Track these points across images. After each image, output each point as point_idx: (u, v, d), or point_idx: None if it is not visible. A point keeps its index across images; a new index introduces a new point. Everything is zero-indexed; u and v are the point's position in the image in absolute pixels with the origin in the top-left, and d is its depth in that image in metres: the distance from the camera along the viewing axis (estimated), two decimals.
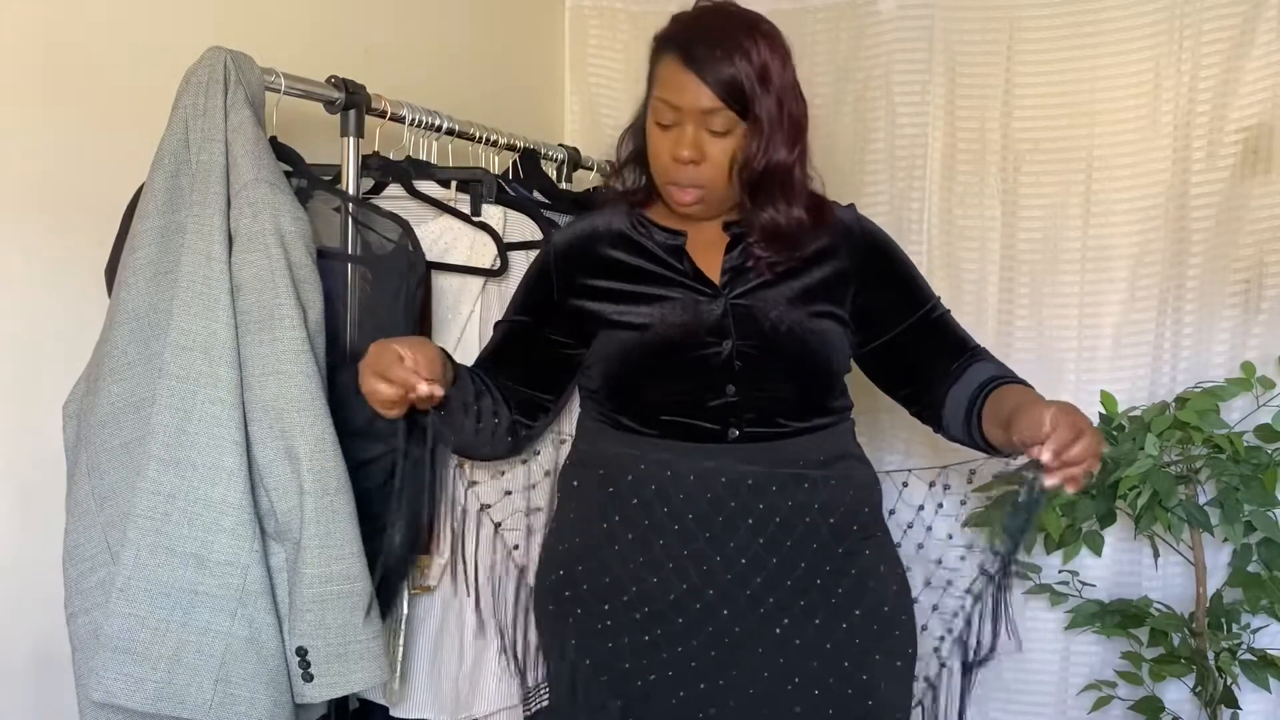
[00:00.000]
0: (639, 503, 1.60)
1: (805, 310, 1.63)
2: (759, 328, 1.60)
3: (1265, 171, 2.26)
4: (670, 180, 1.59)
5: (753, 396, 1.60)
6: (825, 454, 1.64)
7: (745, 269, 1.63)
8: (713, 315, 1.61)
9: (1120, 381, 2.37)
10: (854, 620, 1.60)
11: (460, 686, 1.76)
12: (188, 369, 1.37)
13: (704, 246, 1.66)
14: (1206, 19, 2.28)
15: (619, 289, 1.65)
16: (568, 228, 1.77)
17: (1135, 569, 2.39)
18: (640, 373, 1.63)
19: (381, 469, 1.56)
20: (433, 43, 2.34)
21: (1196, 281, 2.32)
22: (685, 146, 1.54)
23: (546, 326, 1.69)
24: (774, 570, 1.57)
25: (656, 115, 1.57)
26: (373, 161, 1.81)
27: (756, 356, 1.60)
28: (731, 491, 1.57)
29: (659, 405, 1.61)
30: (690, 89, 1.52)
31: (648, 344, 1.61)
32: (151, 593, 1.36)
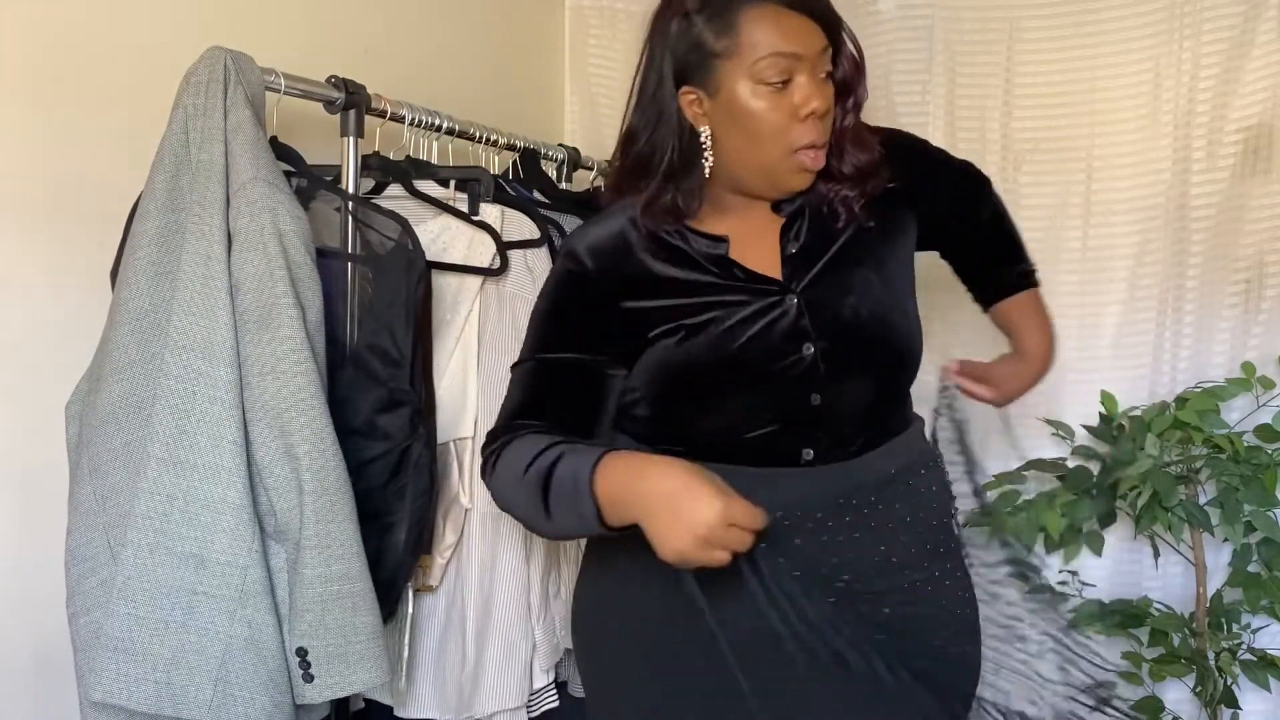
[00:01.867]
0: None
1: (880, 283, 1.47)
2: (841, 320, 1.43)
3: (1265, 171, 2.26)
4: (804, 144, 1.38)
5: (835, 404, 1.42)
6: (905, 463, 1.49)
7: (808, 253, 1.46)
8: (787, 318, 1.42)
9: (1120, 381, 2.37)
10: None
11: (464, 686, 1.76)
12: (187, 369, 1.37)
13: (751, 240, 1.47)
14: (1206, 19, 2.28)
15: (667, 305, 1.45)
16: (586, 234, 1.52)
17: (1135, 569, 2.39)
18: (701, 396, 1.44)
19: (380, 469, 1.56)
20: (433, 43, 2.34)
21: (1196, 281, 2.32)
22: (818, 96, 1.36)
23: (600, 355, 1.46)
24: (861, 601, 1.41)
25: (763, 77, 1.35)
26: (373, 161, 1.81)
27: (840, 353, 1.43)
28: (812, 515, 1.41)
29: (721, 431, 1.43)
30: (805, 30, 1.35)
31: (713, 361, 1.42)
32: (151, 593, 1.35)
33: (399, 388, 1.56)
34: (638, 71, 1.46)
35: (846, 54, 1.43)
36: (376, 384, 1.56)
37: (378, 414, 1.56)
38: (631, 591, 1.48)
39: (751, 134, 1.39)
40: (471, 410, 1.76)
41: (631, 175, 1.46)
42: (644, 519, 1.26)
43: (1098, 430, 2.30)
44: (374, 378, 1.56)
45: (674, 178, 1.43)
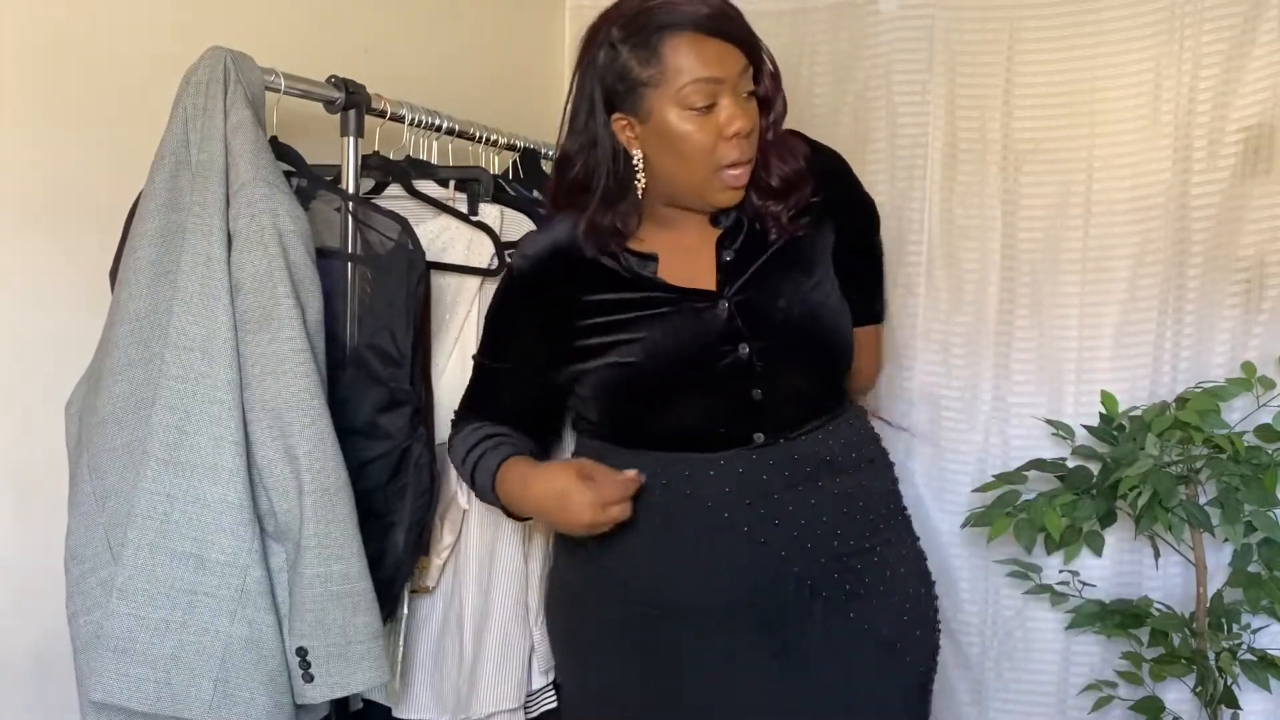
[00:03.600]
0: (666, 517, 1.53)
1: (810, 285, 1.56)
2: (772, 320, 1.53)
3: (1265, 171, 2.26)
4: (728, 163, 1.47)
5: (774, 395, 1.53)
6: (846, 442, 1.60)
7: (741, 261, 1.55)
8: (717, 321, 1.53)
9: (1120, 381, 2.36)
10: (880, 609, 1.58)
11: (461, 687, 1.76)
12: (187, 369, 1.37)
13: (686, 251, 1.57)
14: (1206, 19, 2.27)
15: (604, 322, 1.55)
16: (535, 241, 1.65)
17: (1135, 569, 2.39)
18: (648, 403, 1.55)
19: (381, 469, 1.56)
20: (433, 43, 2.34)
21: (1197, 281, 2.32)
22: (741, 117, 1.44)
23: (535, 362, 1.62)
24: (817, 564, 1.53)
25: (688, 103, 1.43)
26: (373, 161, 1.81)
27: (775, 351, 1.53)
28: (767, 493, 1.52)
29: (673, 429, 1.55)
30: (723, 54, 1.43)
31: (652, 372, 1.53)
32: (151, 593, 1.36)
33: (399, 387, 1.56)
34: (568, 98, 1.55)
35: (766, 71, 1.50)
36: (377, 384, 1.56)
37: (378, 414, 1.56)
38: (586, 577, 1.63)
39: (680, 155, 1.47)
40: None
41: (569, 195, 1.57)
42: (539, 516, 1.59)
43: (1098, 430, 2.30)
44: (374, 378, 1.56)
45: (611, 201, 1.53)
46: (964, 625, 2.44)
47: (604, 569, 1.59)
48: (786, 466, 1.53)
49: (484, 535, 1.77)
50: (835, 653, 1.54)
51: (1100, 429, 2.30)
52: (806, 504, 1.53)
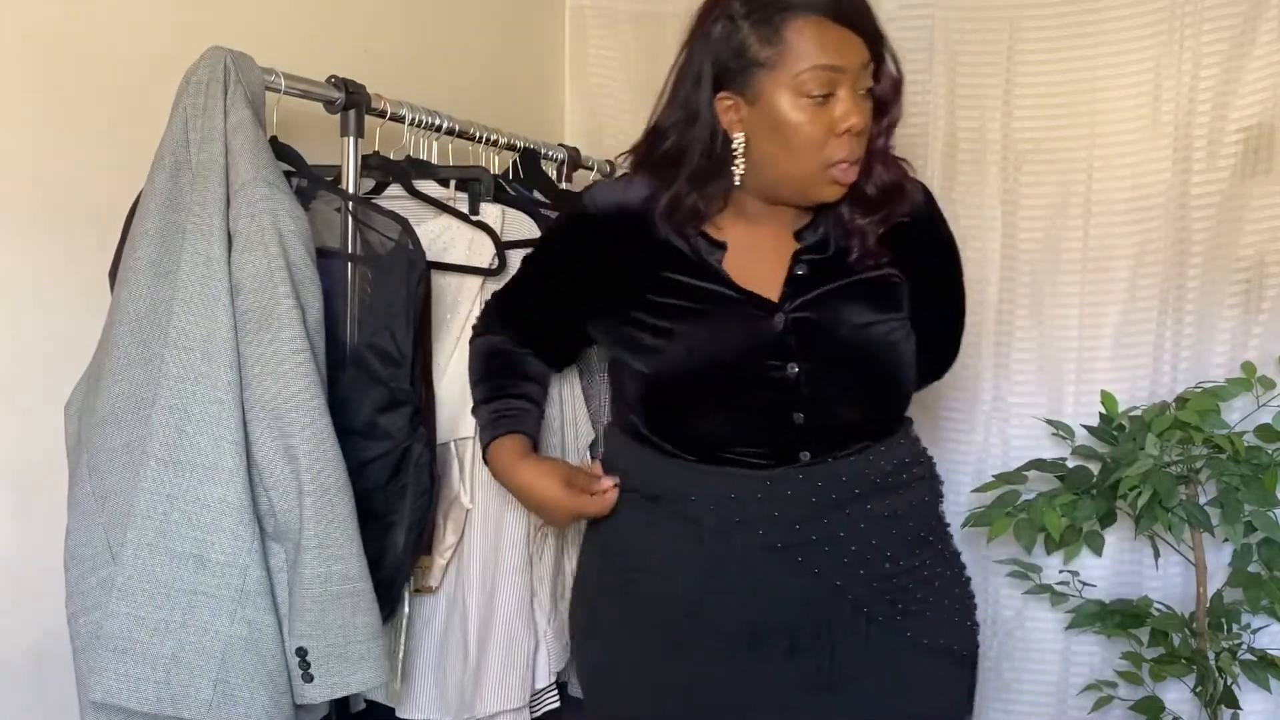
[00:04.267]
0: (709, 535, 1.47)
1: (878, 322, 1.48)
2: (828, 347, 1.45)
3: (1265, 171, 2.26)
4: (838, 159, 1.39)
5: (818, 420, 1.45)
6: (898, 462, 1.52)
7: (813, 279, 1.47)
8: (770, 333, 1.44)
9: (1120, 381, 2.37)
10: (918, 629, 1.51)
11: (465, 687, 1.76)
12: (187, 369, 1.36)
13: (756, 251, 1.48)
14: (1206, 19, 2.28)
15: (655, 301, 1.48)
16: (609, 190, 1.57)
17: (1135, 569, 2.39)
18: (683, 403, 1.48)
19: (381, 469, 1.56)
20: (433, 43, 2.34)
21: (1196, 281, 2.32)
22: (858, 113, 1.37)
23: (565, 302, 1.59)
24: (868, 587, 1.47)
25: (805, 90, 1.35)
26: (373, 161, 1.81)
27: (824, 379, 1.45)
28: (814, 515, 1.45)
29: (710, 437, 1.48)
30: (848, 44, 1.35)
31: (691, 372, 1.46)
32: (151, 593, 1.35)
33: (399, 387, 1.56)
34: (673, 68, 1.46)
35: (887, 72, 1.43)
36: (377, 384, 1.56)
37: (378, 414, 1.56)
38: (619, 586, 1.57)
39: (788, 145, 1.39)
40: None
41: (656, 169, 1.48)
42: (519, 501, 1.63)
43: (1098, 430, 2.30)
44: (374, 378, 1.56)
45: (700, 181, 1.44)
46: None
47: (638, 583, 1.54)
48: (834, 488, 1.45)
49: (487, 535, 1.77)
50: (889, 669, 1.47)
51: (1100, 429, 2.30)
52: (855, 526, 1.46)
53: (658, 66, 1.54)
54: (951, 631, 1.52)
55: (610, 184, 1.60)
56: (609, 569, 1.59)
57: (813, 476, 1.45)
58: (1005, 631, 2.47)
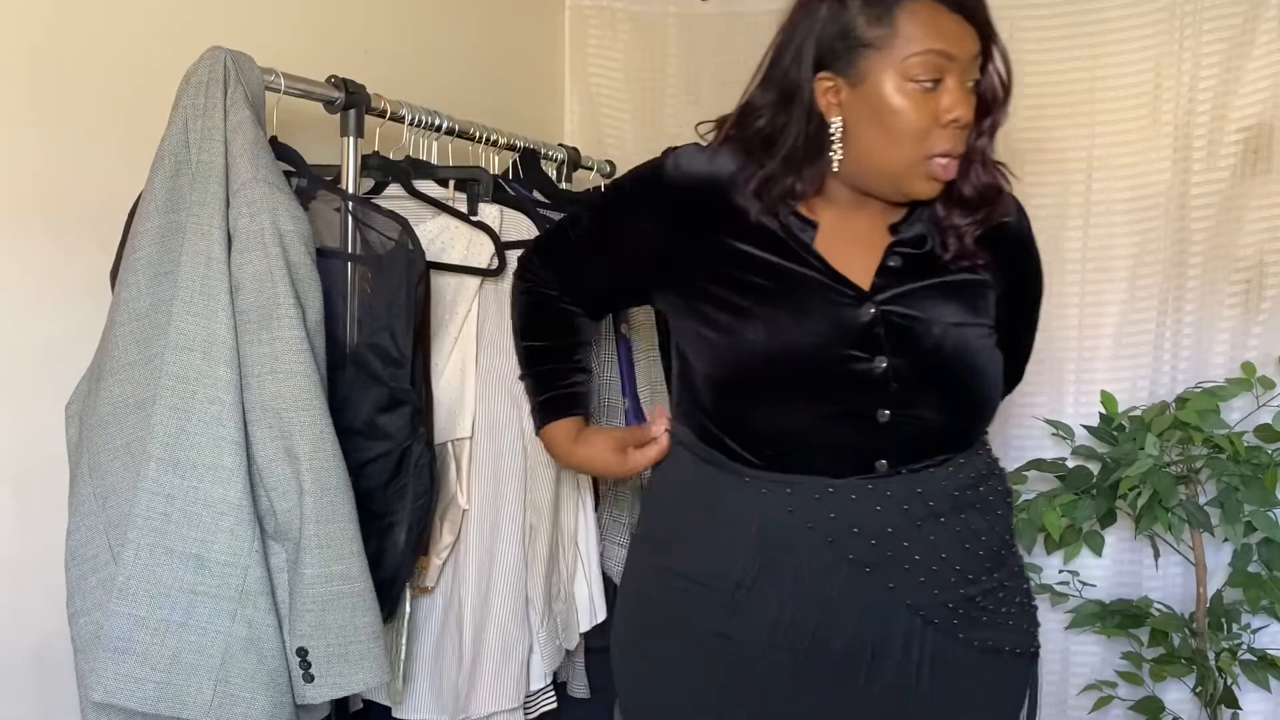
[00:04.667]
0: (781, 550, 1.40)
1: (971, 325, 1.41)
2: (920, 344, 1.38)
3: (1265, 171, 2.26)
4: (939, 151, 1.33)
5: (903, 421, 1.37)
6: (975, 476, 1.45)
7: (907, 273, 1.40)
8: (858, 322, 1.37)
9: (1120, 381, 2.37)
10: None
11: (460, 687, 1.76)
12: (187, 369, 1.36)
13: (846, 239, 1.41)
14: (1206, 19, 2.28)
15: (738, 278, 1.40)
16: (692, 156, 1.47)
17: (1135, 569, 2.39)
18: (758, 392, 1.40)
19: (381, 469, 1.56)
20: (433, 43, 2.34)
21: (1196, 281, 2.32)
22: (964, 105, 1.31)
23: (626, 264, 1.53)
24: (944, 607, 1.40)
25: (914, 74, 1.30)
26: (372, 161, 1.81)
27: (914, 377, 1.37)
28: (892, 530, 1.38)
29: (783, 435, 1.40)
30: (963, 33, 1.30)
31: (770, 355, 1.37)
32: (151, 593, 1.35)
33: (399, 388, 1.56)
34: (771, 46, 1.41)
35: (994, 69, 1.38)
36: (377, 384, 1.56)
37: (378, 414, 1.56)
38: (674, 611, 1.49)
39: (889, 132, 1.33)
40: (469, 411, 1.76)
41: (746, 146, 1.42)
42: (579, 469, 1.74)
43: (1098, 430, 2.30)
44: (374, 378, 1.56)
45: (795, 164, 1.38)
46: None
47: (694, 594, 1.46)
48: (911, 503, 1.38)
49: (483, 535, 1.77)
50: (960, 682, 1.42)
51: (1100, 429, 2.30)
52: (933, 546, 1.39)
53: (658, 66, 1.55)
54: (1017, 636, 1.46)
55: (695, 151, 1.48)
56: (661, 576, 1.51)
57: (887, 489, 1.38)
58: None
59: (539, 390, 1.66)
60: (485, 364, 1.79)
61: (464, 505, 1.76)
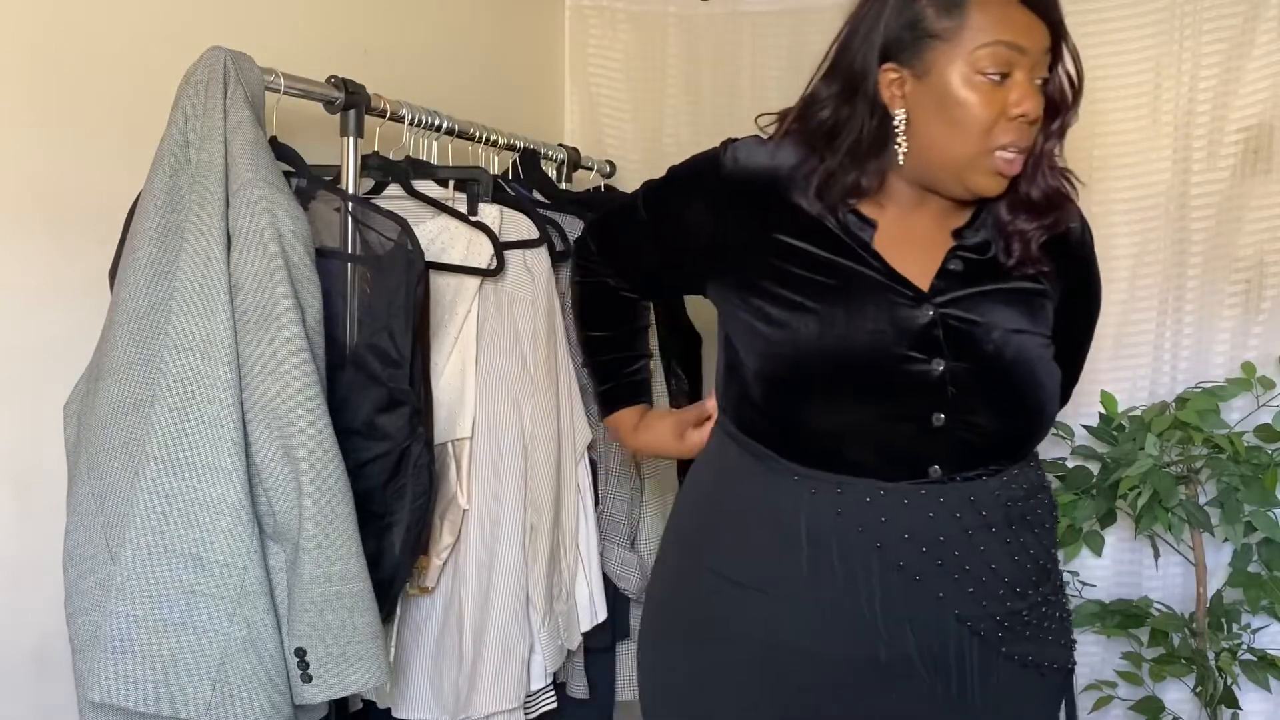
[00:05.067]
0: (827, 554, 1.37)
1: (1031, 333, 1.38)
2: (979, 349, 1.35)
3: (1265, 171, 2.26)
4: (1005, 143, 1.30)
5: (958, 427, 1.34)
6: (1029, 488, 1.42)
7: (968, 277, 1.38)
8: (916, 323, 1.34)
9: (1120, 381, 2.37)
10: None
11: (460, 687, 1.76)
12: (186, 369, 1.36)
13: (906, 239, 1.38)
14: (1206, 19, 2.28)
15: (794, 273, 1.38)
16: (751, 148, 1.44)
17: (1135, 569, 2.39)
18: (809, 390, 1.37)
19: (380, 469, 1.56)
20: (433, 43, 2.34)
21: (1196, 281, 2.32)
22: (1033, 99, 1.28)
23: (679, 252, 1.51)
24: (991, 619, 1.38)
25: (983, 66, 1.28)
26: (372, 161, 1.81)
27: (972, 382, 1.34)
28: (945, 538, 1.34)
29: (834, 435, 1.37)
30: (1034, 27, 1.28)
31: (824, 353, 1.35)
32: (150, 593, 1.35)
33: (398, 388, 1.56)
34: (836, 38, 1.39)
35: (1064, 69, 1.35)
36: (376, 384, 1.56)
37: (377, 414, 1.56)
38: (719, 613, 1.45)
39: (955, 124, 1.31)
40: (469, 411, 1.76)
41: (808, 139, 1.40)
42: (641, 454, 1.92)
43: (1098, 430, 2.30)
44: (373, 378, 1.56)
45: (859, 158, 1.36)
46: None
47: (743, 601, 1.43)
48: (961, 508, 1.35)
49: (483, 536, 1.77)
50: (1004, 694, 1.39)
51: (1100, 429, 2.30)
52: (981, 554, 1.36)
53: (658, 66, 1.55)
54: (1055, 651, 1.44)
55: (756, 144, 1.45)
56: (702, 575, 1.48)
57: (940, 496, 1.35)
58: None
59: (600, 380, 1.72)
60: (485, 364, 1.79)
61: (464, 505, 1.76)
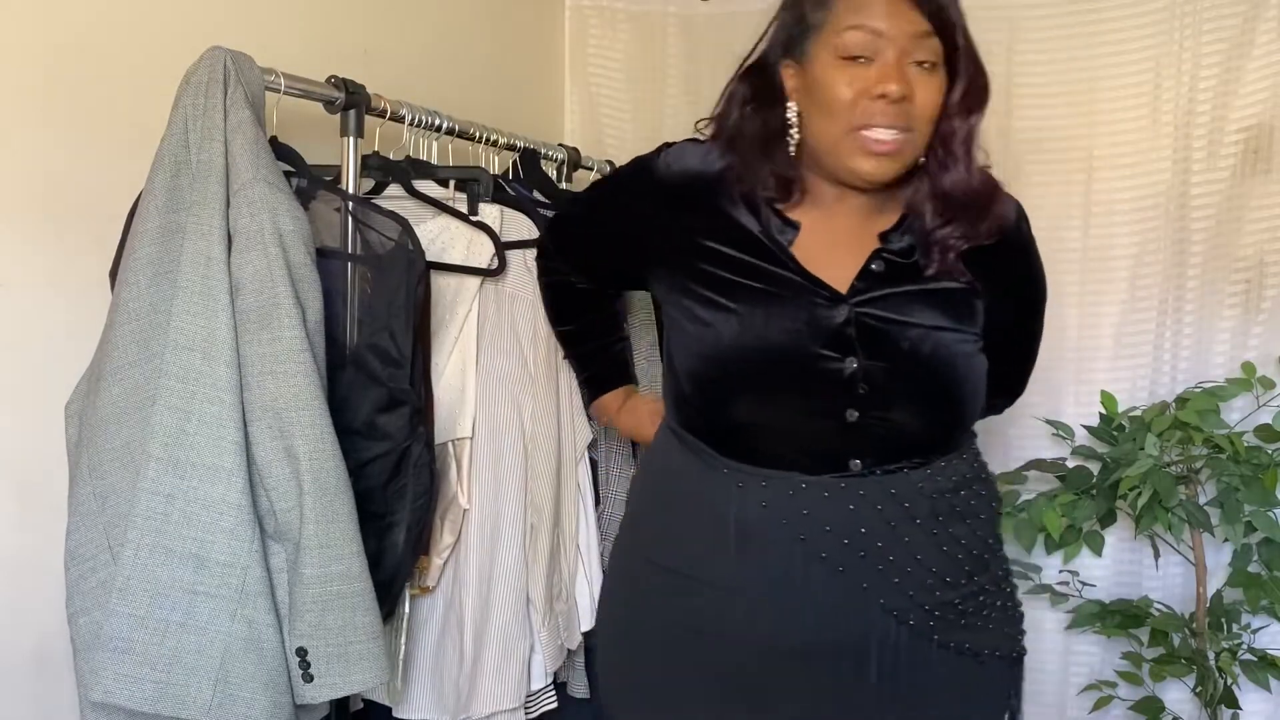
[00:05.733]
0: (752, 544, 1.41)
1: (951, 330, 1.41)
2: (895, 346, 1.38)
3: (1265, 171, 2.26)
4: (865, 122, 1.33)
5: (878, 425, 1.38)
6: (958, 480, 1.44)
7: (889, 277, 1.41)
8: (831, 323, 1.38)
9: (1120, 381, 2.37)
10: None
11: (461, 687, 1.76)
12: (187, 369, 1.36)
13: (832, 244, 1.42)
14: (1206, 19, 2.28)
15: (717, 276, 1.42)
16: (683, 150, 1.50)
17: (1135, 569, 2.39)
18: (732, 387, 1.42)
19: (380, 469, 1.56)
20: (433, 43, 2.34)
21: (1196, 281, 2.33)
22: (893, 78, 1.31)
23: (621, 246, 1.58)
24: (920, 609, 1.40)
25: (841, 50, 1.33)
26: (373, 161, 1.81)
27: (887, 379, 1.38)
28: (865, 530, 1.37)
29: (756, 431, 1.41)
30: (896, 11, 1.31)
31: (742, 353, 1.39)
32: (151, 593, 1.35)
33: (399, 388, 1.56)
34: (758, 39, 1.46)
35: (969, 59, 1.37)
36: (376, 384, 1.56)
37: (378, 414, 1.56)
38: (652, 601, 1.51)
39: (823, 107, 1.35)
40: (470, 411, 1.76)
41: (730, 139, 1.45)
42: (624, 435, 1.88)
43: (1098, 430, 2.30)
44: (374, 378, 1.56)
45: (766, 152, 1.42)
46: None
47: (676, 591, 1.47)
48: (881, 501, 1.38)
49: (484, 535, 1.77)
50: (936, 682, 1.42)
51: (1100, 429, 2.30)
52: (905, 545, 1.39)
53: (658, 66, 1.56)
54: (997, 639, 1.46)
55: (691, 147, 1.51)
56: (644, 567, 1.53)
57: (860, 489, 1.38)
58: None
59: (580, 369, 1.83)
60: (486, 364, 1.79)
61: (465, 505, 1.76)
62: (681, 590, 1.46)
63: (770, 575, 1.40)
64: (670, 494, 1.52)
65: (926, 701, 1.42)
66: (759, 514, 1.40)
